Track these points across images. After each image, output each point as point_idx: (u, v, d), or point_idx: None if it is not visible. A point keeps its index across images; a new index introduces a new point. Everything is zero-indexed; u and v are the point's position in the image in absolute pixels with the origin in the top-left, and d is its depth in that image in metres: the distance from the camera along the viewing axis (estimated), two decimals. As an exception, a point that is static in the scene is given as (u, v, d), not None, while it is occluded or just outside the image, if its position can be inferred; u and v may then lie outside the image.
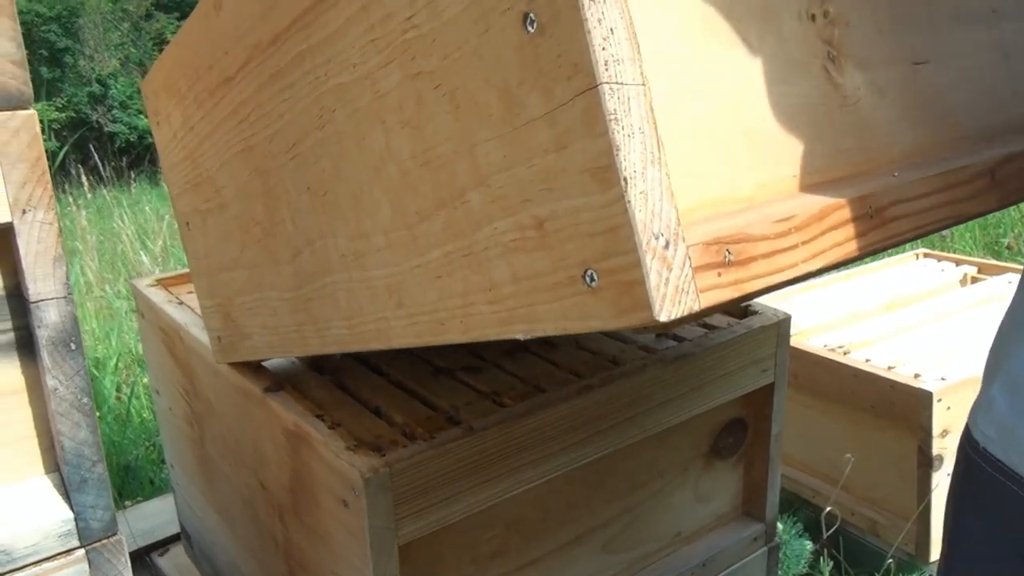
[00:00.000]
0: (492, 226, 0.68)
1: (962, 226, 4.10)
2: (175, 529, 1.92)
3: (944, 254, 2.83)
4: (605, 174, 0.55)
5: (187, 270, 1.69)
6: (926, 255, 2.83)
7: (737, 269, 0.59)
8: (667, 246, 0.55)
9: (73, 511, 0.86)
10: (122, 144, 15.16)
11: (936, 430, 1.89)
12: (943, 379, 1.91)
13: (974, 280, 2.64)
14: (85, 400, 0.84)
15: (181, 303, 1.57)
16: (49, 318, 0.80)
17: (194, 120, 1.13)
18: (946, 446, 1.92)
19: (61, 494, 0.88)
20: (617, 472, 1.31)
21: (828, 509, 2.00)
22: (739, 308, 1.45)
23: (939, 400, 1.87)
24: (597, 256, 0.58)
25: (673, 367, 1.28)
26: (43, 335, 0.80)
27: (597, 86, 0.54)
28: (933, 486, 1.93)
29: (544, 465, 1.17)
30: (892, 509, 2.03)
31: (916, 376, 1.94)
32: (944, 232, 3.83)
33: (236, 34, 0.96)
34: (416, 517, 1.06)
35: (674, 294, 0.55)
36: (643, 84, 0.55)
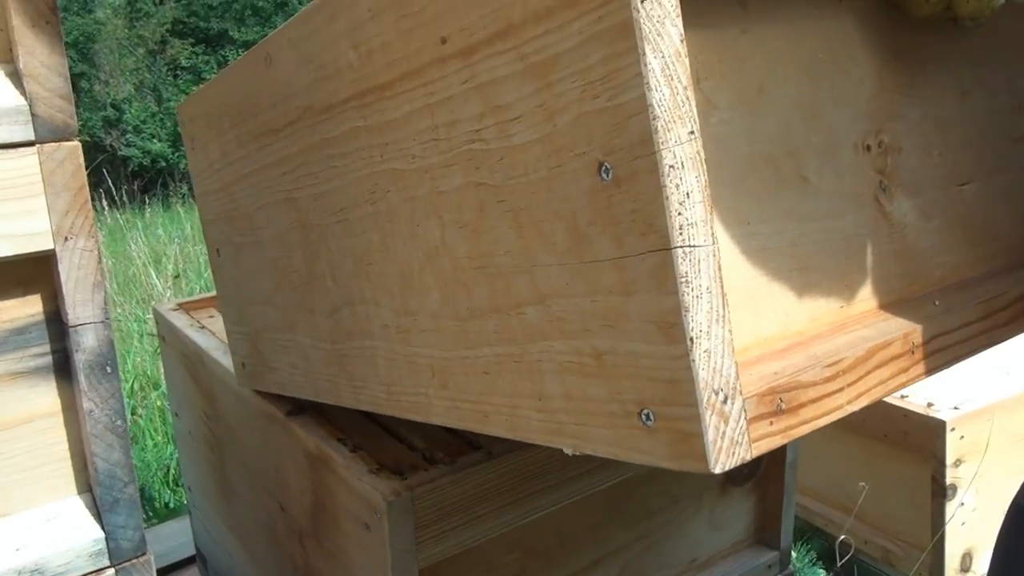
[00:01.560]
0: (548, 343, 0.67)
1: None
2: (190, 552, 1.93)
3: (955, 283, 2.84)
4: (671, 330, 0.55)
5: (208, 294, 1.72)
6: (937, 284, 2.83)
7: (788, 416, 0.61)
8: (725, 401, 0.56)
9: (104, 531, 0.88)
10: (135, 168, 15.31)
11: (950, 459, 1.89)
12: (956, 408, 1.91)
13: (986, 309, 2.64)
14: (119, 423, 0.86)
15: (203, 327, 1.59)
16: (87, 342, 0.83)
17: (234, 157, 1.12)
18: (960, 475, 1.93)
19: (93, 514, 0.90)
20: (633, 498, 1.33)
21: (842, 537, 2.00)
22: (754, 336, 1.47)
23: (952, 429, 1.88)
24: (656, 400, 0.58)
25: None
26: (80, 359, 0.83)
27: (671, 249, 0.54)
28: (947, 516, 1.93)
29: (561, 490, 1.18)
30: (906, 539, 2.03)
31: (929, 405, 1.95)
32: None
33: (287, 91, 0.94)
34: (436, 540, 1.08)
35: (729, 446, 0.56)
36: (713, 243, 0.55)
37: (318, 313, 1.04)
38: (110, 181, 9.27)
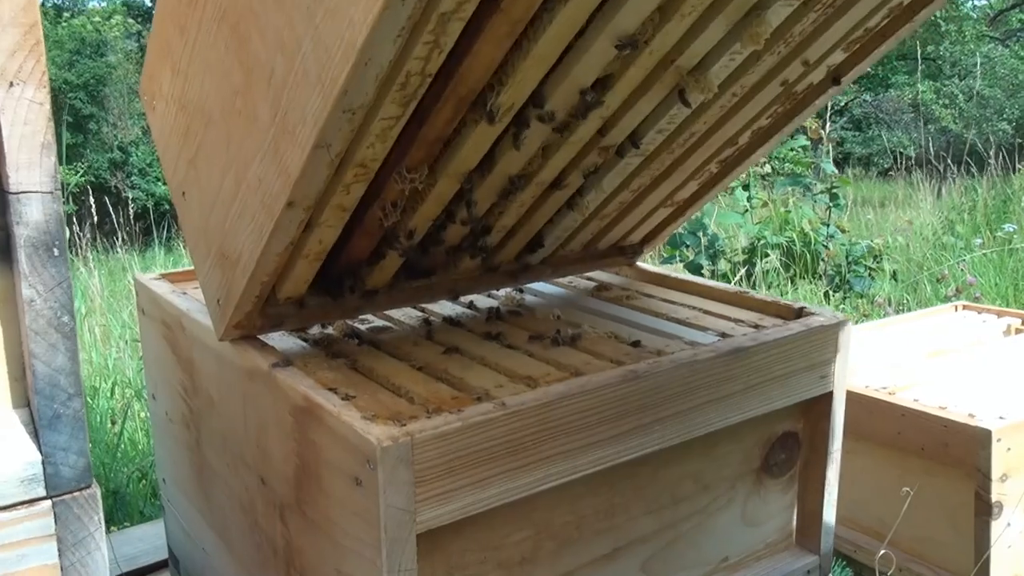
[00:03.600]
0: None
1: (993, 286, 3.98)
2: (162, 556, 1.76)
3: (985, 307, 2.70)
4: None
5: (192, 268, 1.59)
6: (965, 307, 2.70)
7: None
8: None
9: (41, 452, 0.73)
10: (139, 210, 15.29)
11: (996, 473, 1.73)
12: (1002, 418, 1.76)
13: (1018, 331, 2.50)
14: (65, 319, 0.72)
15: (185, 293, 1.45)
16: (31, 215, 0.69)
17: (179, 56, 1.14)
18: (1007, 492, 1.76)
19: (29, 432, 0.75)
20: (659, 480, 1.17)
21: (883, 551, 1.80)
22: (792, 309, 1.33)
23: (999, 440, 1.72)
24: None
25: (725, 361, 1.15)
26: (22, 234, 0.69)
27: None
28: (993, 538, 1.76)
29: (583, 456, 1.03)
30: (947, 565, 1.85)
31: (971, 415, 1.79)
32: (977, 294, 3.70)
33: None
34: (439, 502, 0.92)
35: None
36: None
37: (261, 112, 1.01)
38: (114, 221, 9.21)
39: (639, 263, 1.61)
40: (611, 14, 0.93)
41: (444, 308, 1.42)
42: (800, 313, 1.30)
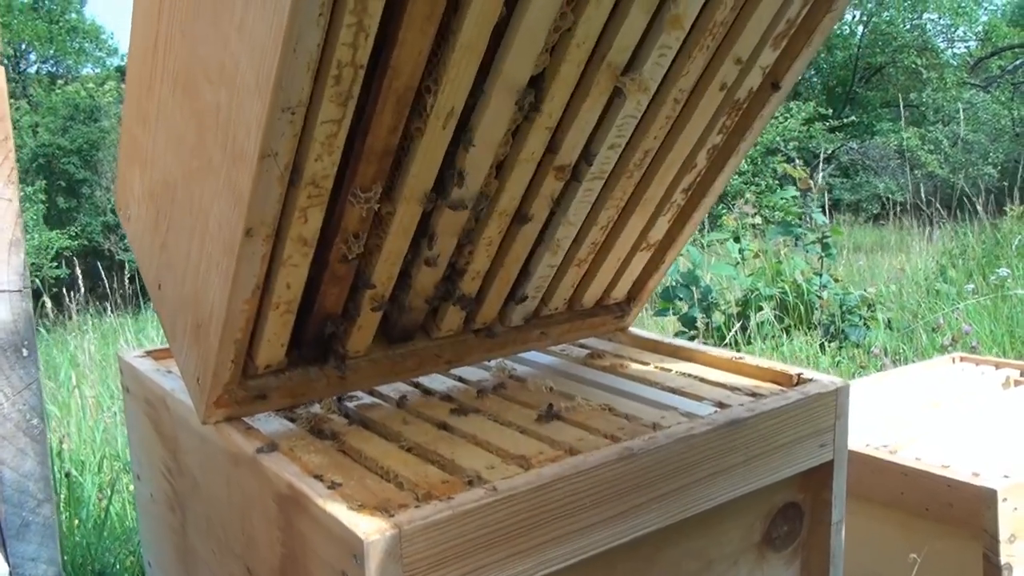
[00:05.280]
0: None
1: (989, 333, 3.96)
2: (148, 642, 1.69)
3: (982, 358, 2.68)
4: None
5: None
6: (963, 359, 2.68)
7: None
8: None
9: (8, 564, 0.69)
10: (132, 273, 15.29)
11: (1003, 534, 1.69)
12: (1007, 476, 1.72)
13: (1016, 383, 2.48)
14: (35, 421, 0.69)
15: (169, 372, 1.42)
16: (-1, 315, 0.67)
17: (146, 147, 1.20)
18: (1015, 553, 1.72)
19: (-3, 541, 0.71)
20: (659, 560, 1.13)
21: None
22: (789, 376, 1.30)
23: (1004, 500, 1.68)
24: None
25: (723, 434, 1.12)
26: (-10, 335, 0.67)
27: None
28: (1004, 601, 1.71)
29: (579, 540, 0.99)
30: (956, 630, 1.79)
31: (975, 474, 1.76)
32: (974, 343, 3.68)
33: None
34: (429, 595, 0.89)
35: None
36: None
37: (215, 158, 1.06)
38: (107, 284, 9.20)
39: (632, 329, 1.59)
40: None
41: (435, 382, 1.39)
42: (798, 380, 1.28)
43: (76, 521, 2.29)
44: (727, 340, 4.17)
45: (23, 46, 20.98)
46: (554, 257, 1.33)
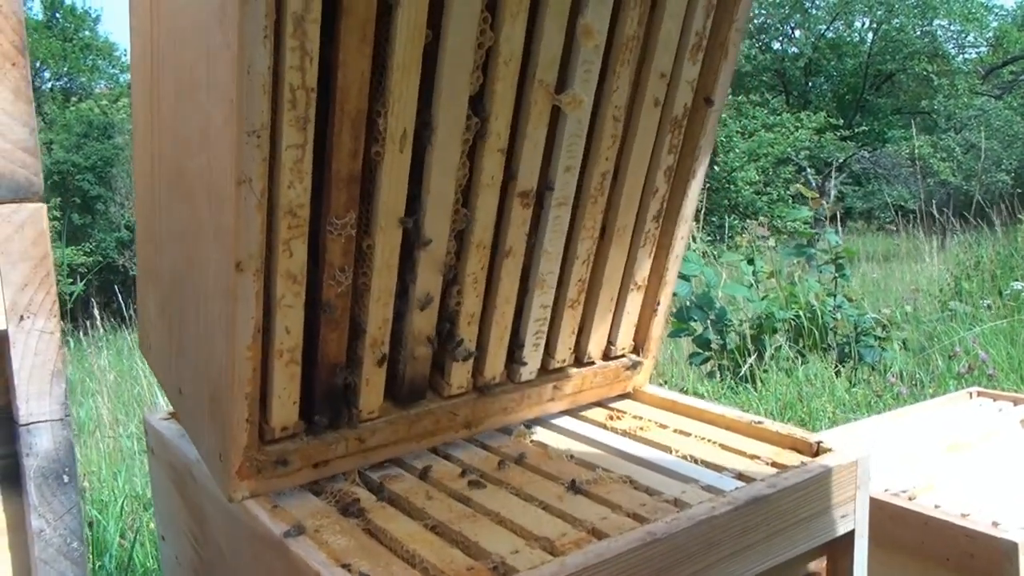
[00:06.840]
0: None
1: (1006, 358, 3.94)
2: None
3: (1000, 393, 2.67)
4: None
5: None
6: (980, 393, 2.67)
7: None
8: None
9: None
10: (145, 287, 15.36)
11: (1025, 586, 1.68)
12: (1027, 527, 1.72)
13: (1035, 420, 2.47)
14: (75, 544, 0.70)
15: (195, 438, 1.44)
16: (40, 445, 0.69)
17: (159, 272, 1.32)
18: (1037, 605, 1.71)
19: (38, 662, 0.73)
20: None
21: None
22: (809, 444, 1.31)
23: (1026, 552, 1.68)
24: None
25: (746, 511, 1.13)
26: (31, 464, 0.68)
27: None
28: (1026, 654, 1.70)
29: (605, 629, 1.00)
30: None
31: (995, 524, 1.75)
32: (990, 370, 3.67)
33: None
34: None
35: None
36: None
37: (210, 250, 1.16)
38: (121, 300, 9.25)
39: (649, 387, 1.60)
40: (449, 13, 1.07)
41: (455, 447, 1.40)
42: (818, 449, 1.29)
43: (98, 563, 2.31)
44: (742, 372, 4.17)
45: (37, 64, 21.19)
46: (544, 296, 1.37)
